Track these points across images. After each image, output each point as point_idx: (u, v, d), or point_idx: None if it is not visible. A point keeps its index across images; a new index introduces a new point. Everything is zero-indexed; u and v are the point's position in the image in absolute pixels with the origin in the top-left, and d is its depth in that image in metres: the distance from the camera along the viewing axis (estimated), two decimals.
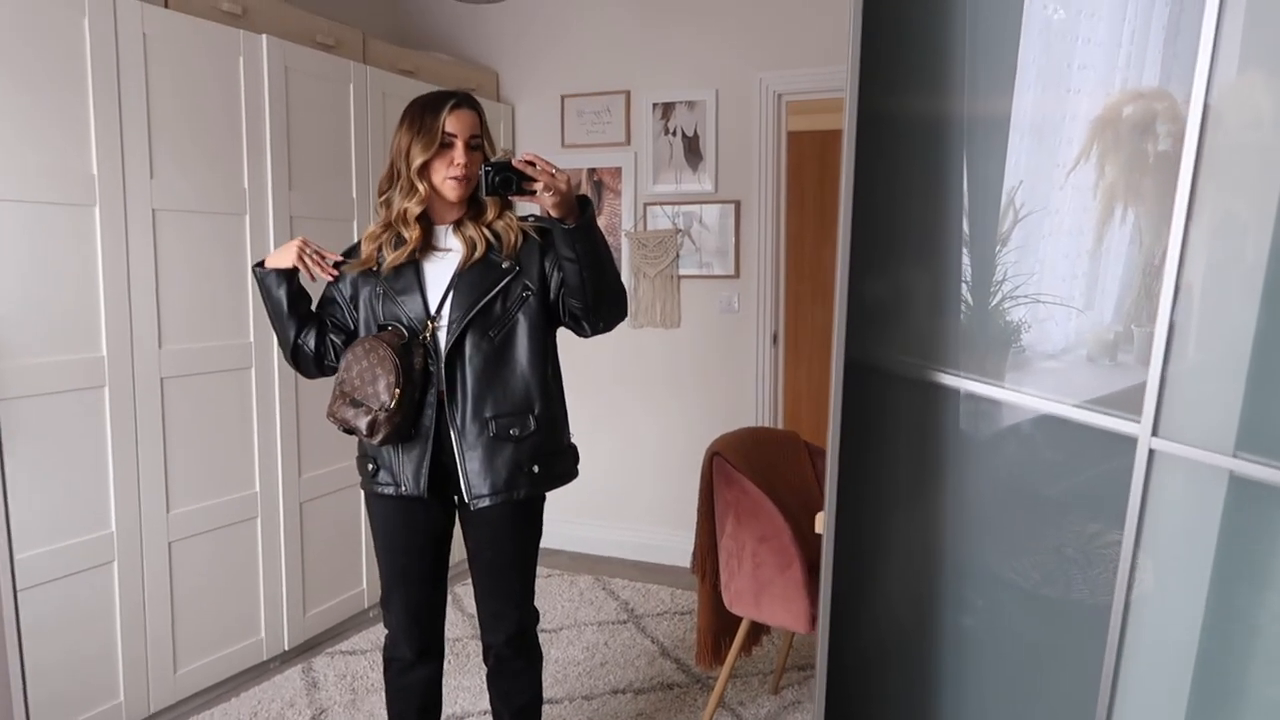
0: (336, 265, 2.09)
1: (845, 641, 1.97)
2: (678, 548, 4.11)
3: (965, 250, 1.90)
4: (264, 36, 3.00)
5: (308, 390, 3.17)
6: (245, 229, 2.97)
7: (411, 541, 2.09)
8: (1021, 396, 1.78)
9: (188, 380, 2.80)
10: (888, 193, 1.94)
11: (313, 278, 2.05)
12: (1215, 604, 1.44)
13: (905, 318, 2.01)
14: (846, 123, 1.78)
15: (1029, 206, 1.86)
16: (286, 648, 3.18)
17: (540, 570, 2.30)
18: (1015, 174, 1.87)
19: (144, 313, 2.66)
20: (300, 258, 2.02)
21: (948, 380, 1.86)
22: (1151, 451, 1.48)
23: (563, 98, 4.32)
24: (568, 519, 4.24)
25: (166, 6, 2.76)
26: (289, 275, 2.04)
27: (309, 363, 2.10)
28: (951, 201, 1.90)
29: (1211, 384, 1.45)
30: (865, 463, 1.95)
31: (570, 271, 1.93)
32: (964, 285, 1.90)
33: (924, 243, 1.97)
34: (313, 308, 2.11)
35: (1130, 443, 1.52)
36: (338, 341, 2.10)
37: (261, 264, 2.07)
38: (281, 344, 2.11)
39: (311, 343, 2.08)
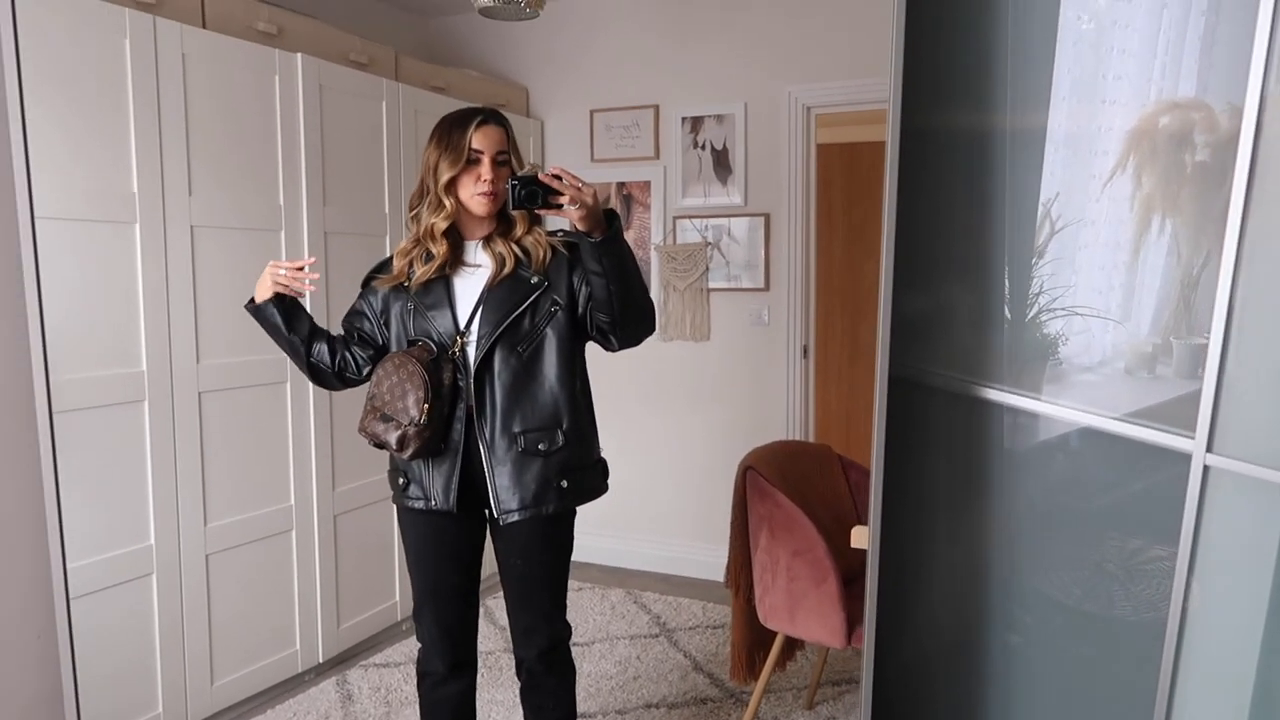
0: (371, 280, 2.11)
1: (889, 657, 1.95)
2: (709, 561, 4.10)
3: (1006, 264, 1.89)
4: (299, 55, 3.04)
5: (342, 404, 3.20)
6: (281, 244, 3.01)
7: (442, 556, 2.10)
8: (1069, 411, 1.75)
9: (225, 394, 2.83)
10: (930, 207, 1.94)
11: (299, 293, 2.06)
12: (1275, 622, 1.41)
13: (947, 332, 1.99)
14: (889, 137, 1.78)
15: (1065, 219, 1.85)
16: (321, 660, 3.20)
17: (571, 583, 2.30)
18: (1051, 186, 1.86)
19: (182, 328, 2.69)
20: (275, 282, 2.01)
21: (991, 395, 1.84)
22: (1206, 468, 1.46)
23: (592, 112, 4.34)
24: (598, 532, 4.24)
25: (204, 27, 2.81)
26: (278, 299, 2.04)
27: (328, 377, 2.12)
28: (992, 215, 1.89)
29: (1266, 399, 1.43)
30: (906, 477, 1.94)
31: (597, 285, 1.93)
32: (1005, 299, 1.89)
33: (965, 257, 1.96)
34: (316, 323, 2.12)
35: (1183, 459, 1.49)
36: (361, 355, 2.11)
37: (251, 302, 2.07)
38: (298, 365, 2.12)
39: (326, 358, 2.09)
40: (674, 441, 4.28)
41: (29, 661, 2.05)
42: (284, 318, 2.05)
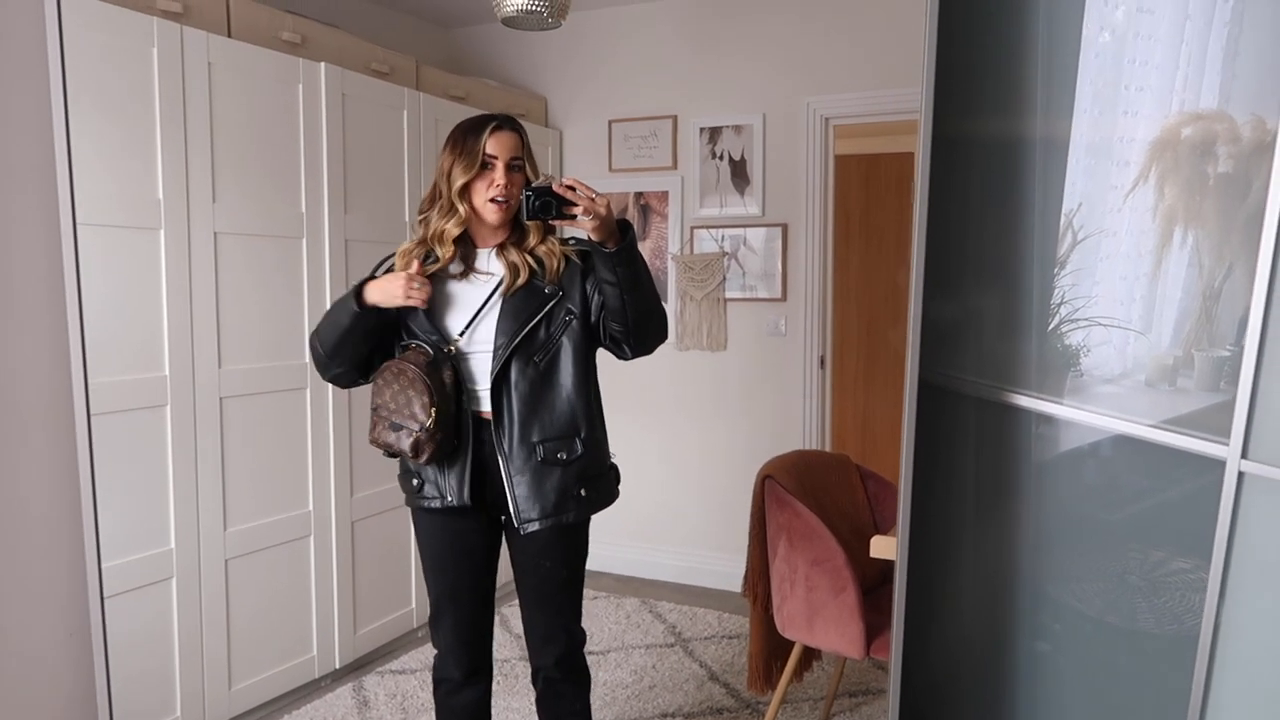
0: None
1: (915, 666, 1.94)
2: (724, 571, 4.09)
3: (1035, 272, 1.89)
4: (322, 64, 3.07)
5: (361, 411, 3.21)
6: (302, 252, 3.03)
7: (459, 558, 2.10)
8: (1099, 418, 1.75)
9: (246, 400, 2.85)
10: (959, 214, 1.94)
11: (423, 304, 1.99)
12: None
13: (976, 338, 1.99)
14: (921, 143, 1.79)
15: (1087, 229, 1.85)
16: (337, 666, 3.21)
17: (586, 592, 2.30)
18: (1074, 196, 1.86)
19: (205, 333, 2.71)
20: (408, 296, 1.96)
21: (1020, 401, 1.84)
22: (1241, 474, 1.45)
23: (610, 122, 4.36)
24: (613, 541, 4.24)
25: (230, 36, 2.84)
26: (378, 308, 2.00)
27: (355, 383, 2.11)
28: (1021, 224, 1.89)
29: None
30: (933, 484, 1.93)
31: (610, 294, 1.94)
32: (1033, 308, 1.89)
33: (995, 264, 1.96)
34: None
35: (1217, 465, 1.48)
36: (378, 357, 2.09)
37: (361, 302, 1.98)
38: (334, 361, 2.04)
39: (359, 378, 2.09)
40: (689, 451, 4.28)
41: (63, 662, 2.08)
42: (379, 321, 2.02)
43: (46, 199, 2.23)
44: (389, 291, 1.97)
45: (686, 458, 4.28)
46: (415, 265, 2.00)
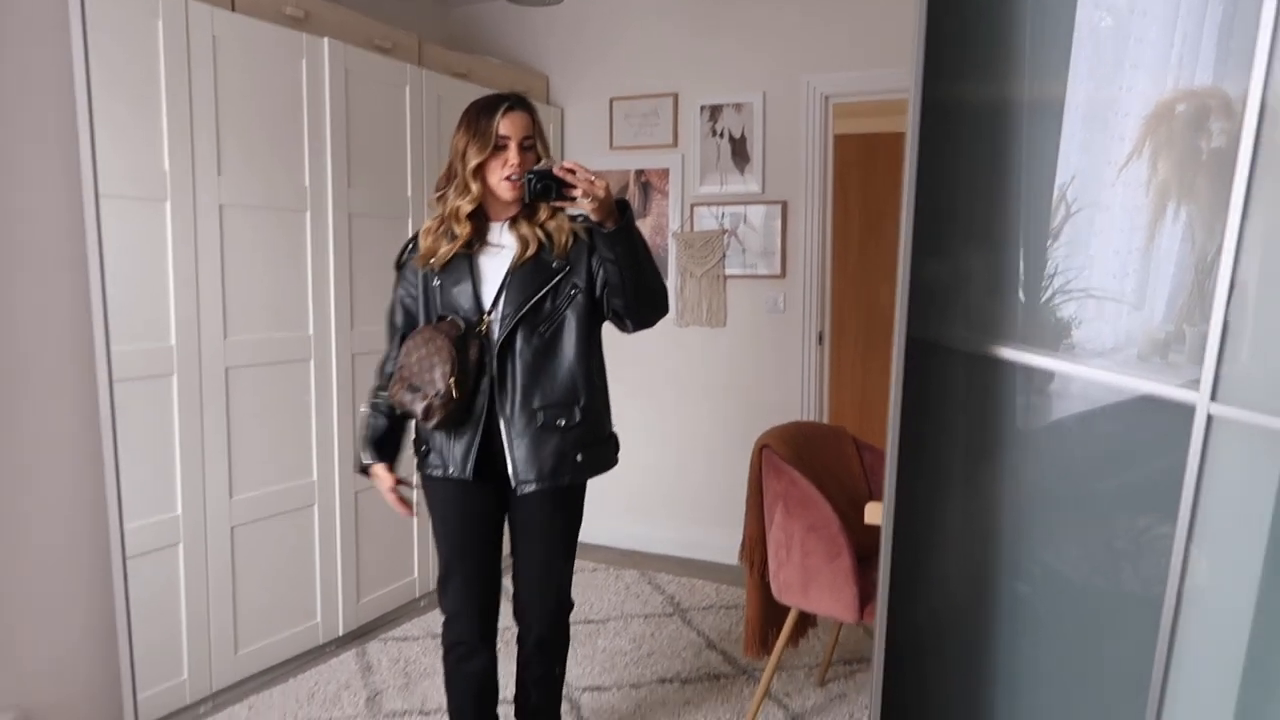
0: (404, 264, 2.22)
1: (901, 628, 1.99)
2: (722, 544, 4.14)
3: (1021, 241, 1.92)
4: (325, 40, 3.09)
5: (364, 381, 3.25)
6: (306, 225, 3.07)
7: (467, 518, 2.18)
8: (1081, 369, 1.77)
9: (251, 370, 2.89)
10: (950, 179, 1.96)
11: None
12: (1272, 570, 1.42)
13: (964, 298, 2.02)
14: (911, 111, 1.81)
15: (1081, 202, 1.87)
16: (341, 633, 3.26)
17: (586, 564, 2.34)
18: (1067, 169, 1.88)
19: (210, 304, 2.75)
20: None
21: (1006, 354, 1.86)
22: (1210, 417, 1.45)
23: (611, 100, 4.38)
24: (614, 515, 4.29)
25: (234, 10, 2.86)
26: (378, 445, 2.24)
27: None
28: (1007, 192, 1.92)
29: (1275, 347, 1.43)
30: (923, 439, 1.97)
31: (611, 271, 2.02)
32: (1020, 276, 1.92)
33: (985, 229, 1.99)
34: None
35: (1188, 411, 1.50)
36: None
37: (365, 468, 2.25)
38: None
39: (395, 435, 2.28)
40: (690, 426, 4.32)
41: (85, 628, 2.12)
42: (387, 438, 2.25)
43: (69, 169, 2.26)
44: (378, 488, 2.25)
45: (687, 433, 4.33)
46: (390, 481, 2.22)
